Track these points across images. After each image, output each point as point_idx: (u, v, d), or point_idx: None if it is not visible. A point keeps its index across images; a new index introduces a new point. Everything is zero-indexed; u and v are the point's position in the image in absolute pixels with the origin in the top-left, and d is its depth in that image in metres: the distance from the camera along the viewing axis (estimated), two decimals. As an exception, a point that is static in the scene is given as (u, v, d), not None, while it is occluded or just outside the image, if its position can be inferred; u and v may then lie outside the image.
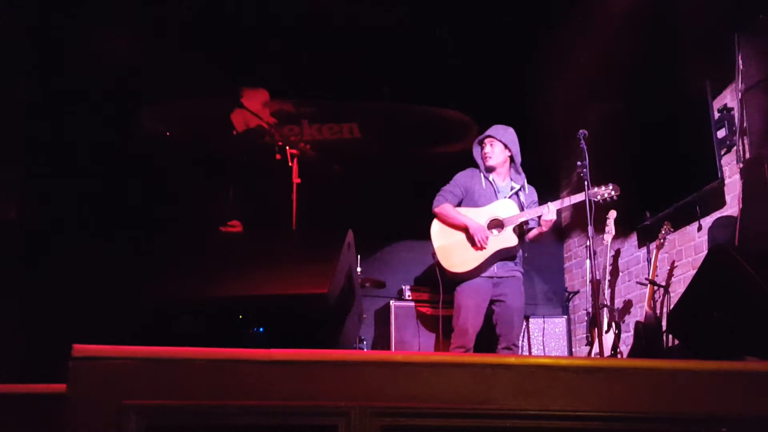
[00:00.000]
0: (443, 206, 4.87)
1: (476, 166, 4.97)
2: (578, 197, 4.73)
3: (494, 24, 5.87)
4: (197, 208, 4.65)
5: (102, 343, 2.21)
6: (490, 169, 4.91)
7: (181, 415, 2.17)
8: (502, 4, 5.74)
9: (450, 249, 4.77)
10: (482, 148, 4.91)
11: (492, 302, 4.73)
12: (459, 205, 4.91)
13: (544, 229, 4.78)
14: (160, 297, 3.48)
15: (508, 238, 4.75)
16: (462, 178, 4.97)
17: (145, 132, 5.91)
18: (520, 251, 4.86)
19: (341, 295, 3.47)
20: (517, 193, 4.90)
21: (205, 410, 2.18)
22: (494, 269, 4.74)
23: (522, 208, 4.83)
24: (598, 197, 4.67)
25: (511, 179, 4.95)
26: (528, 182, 4.99)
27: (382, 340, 5.73)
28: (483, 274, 4.72)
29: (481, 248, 4.68)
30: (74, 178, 5.42)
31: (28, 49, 5.35)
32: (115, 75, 5.48)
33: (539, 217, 4.76)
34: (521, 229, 4.83)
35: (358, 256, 4.88)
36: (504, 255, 4.75)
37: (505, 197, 4.87)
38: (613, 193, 4.66)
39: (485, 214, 4.82)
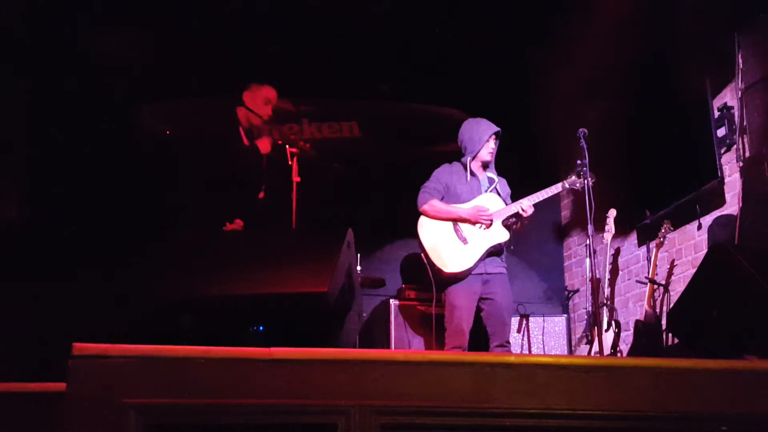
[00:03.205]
0: (431, 202, 4.78)
1: (450, 161, 4.94)
2: (553, 189, 4.77)
3: (494, 22, 5.87)
4: (198, 207, 4.65)
5: (102, 343, 2.21)
6: (487, 165, 4.89)
7: (181, 414, 2.17)
8: (503, 3, 5.74)
9: (441, 248, 4.72)
10: (488, 142, 4.82)
11: (481, 299, 4.66)
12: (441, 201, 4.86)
13: (526, 222, 4.78)
14: (160, 296, 3.49)
15: (500, 233, 4.73)
16: (442, 174, 4.89)
17: (146, 131, 5.91)
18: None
19: (341, 294, 3.48)
20: (495, 186, 4.89)
21: (205, 409, 2.19)
22: (484, 265, 4.68)
23: (504, 201, 4.84)
24: (577, 185, 4.68)
25: (487, 172, 4.93)
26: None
27: (381, 339, 5.72)
28: (473, 272, 4.67)
29: (488, 225, 4.67)
30: (75, 177, 5.42)
31: (29, 47, 5.35)
32: (116, 73, 5.48)
33: (522, 209, 4.76)
34: (506, 222, 4.83)
35: (358, 255, 4.87)
36: (494, 250, 4.74)
37: (486, 190, 4.86)
38: (590, 180, 4.62)
39: None
